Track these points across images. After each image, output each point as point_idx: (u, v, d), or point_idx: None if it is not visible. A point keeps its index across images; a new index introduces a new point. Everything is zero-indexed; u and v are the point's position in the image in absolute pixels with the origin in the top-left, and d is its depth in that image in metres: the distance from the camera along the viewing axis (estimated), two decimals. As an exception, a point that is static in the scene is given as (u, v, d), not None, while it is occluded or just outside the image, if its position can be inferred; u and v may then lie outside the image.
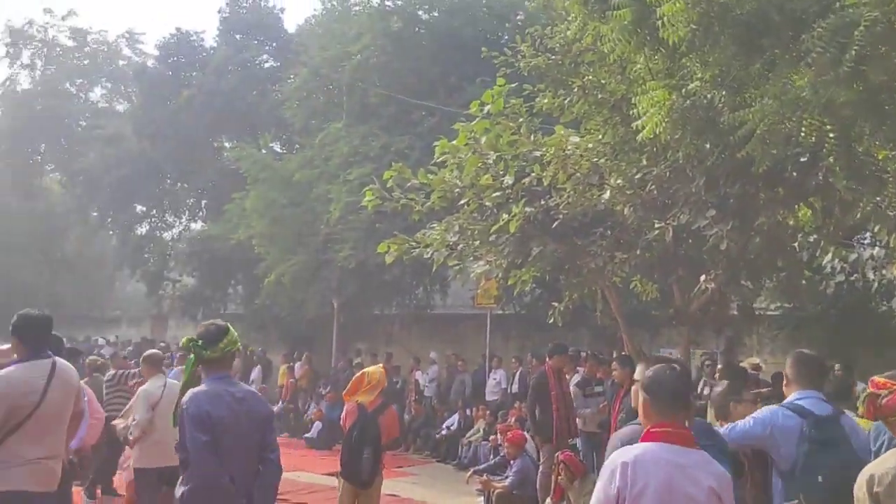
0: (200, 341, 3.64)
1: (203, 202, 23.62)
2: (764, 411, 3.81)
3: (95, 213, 25.96)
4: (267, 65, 22.05)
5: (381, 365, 7.88)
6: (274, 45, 22.09)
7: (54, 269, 25.31)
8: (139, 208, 24.74)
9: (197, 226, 24.29)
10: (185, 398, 3.52)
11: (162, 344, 20.76)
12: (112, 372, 8.85)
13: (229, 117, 20.84)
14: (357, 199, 12.91)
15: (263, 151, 17.92)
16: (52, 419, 3.93)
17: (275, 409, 16.06)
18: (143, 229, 24.98)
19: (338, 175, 14.37)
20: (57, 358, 4.06)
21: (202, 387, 3.58)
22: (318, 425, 14.16)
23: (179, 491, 3.45)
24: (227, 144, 22.19)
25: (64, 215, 26.85)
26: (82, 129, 26.90)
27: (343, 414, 6.26)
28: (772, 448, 3.66)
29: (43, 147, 27.60)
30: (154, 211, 25.02)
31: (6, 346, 5.52)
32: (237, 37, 21.73)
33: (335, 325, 16.83)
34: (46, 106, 26.55)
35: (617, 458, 2.59)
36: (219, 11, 21.95)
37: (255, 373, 17.20)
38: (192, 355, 3.66)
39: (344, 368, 15.81)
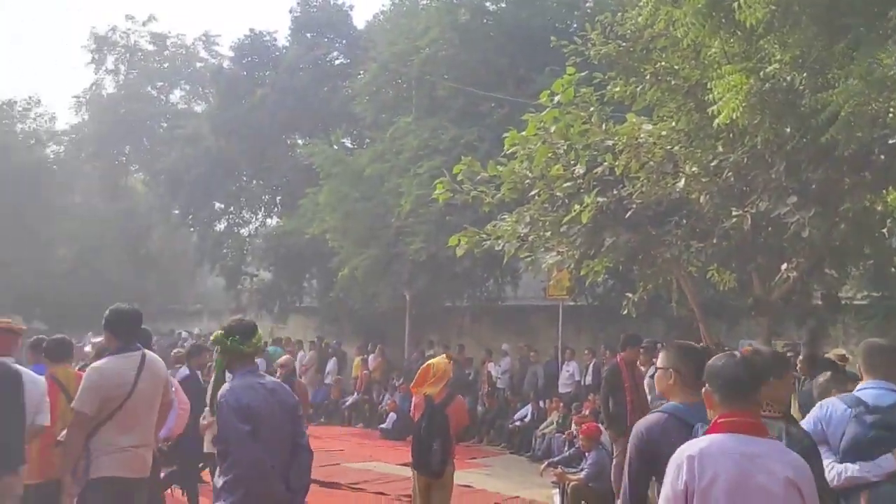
0: (237, 336, 3.72)
1: (278, 198, 24.19)
2: (818, 407, 3.70)
3: (177, 211, 26.91)
4: (337, 62, 22.39)
5: (445, 356, 7.91)
6: (344, 42, 22.41)
7: (140, 265, 26.35)
8: (217, 205, 25.51)
9: (272, 221, 24.90)
10: (224, 391, 3.60)
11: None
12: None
13: (302, 114, 21.26)
14: (427, 192, 13.02)
15: (335, 147, 18.22)
16: (143, 409, 4.11)
17: (350, 400, 16.40)
18: (221, 226, 25.75)
19: (408, 168, 14.50)
20: (146, 350, 4.24)
21: (236, 380, 3.66)
22: (392, 416, 14.35)
23: (220, 481, 3.51)
24: (299, 141, 22.66)
25: (147, 214, 27.93)
26: (163, 131, 27.89)
27: (412, 406, 6.30)
28: (829, 442, 3.57)
29: (127, 149, 28.73)
30: (231, 208, 25.77)
31: (99, 339, 5.81)
32: (308, 35, 22.12)
33: (407, 317, 17.01)
34: (129, 109, 27.62)
35: (682, 451, 2.50)
36: (290, 11, 22.41)
37: (331, 364, 17.53)
38: (221, 350, 3.75)
39: (417, 360, 15.95)
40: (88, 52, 28.52)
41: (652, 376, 8.87)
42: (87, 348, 7.28)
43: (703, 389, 2.67)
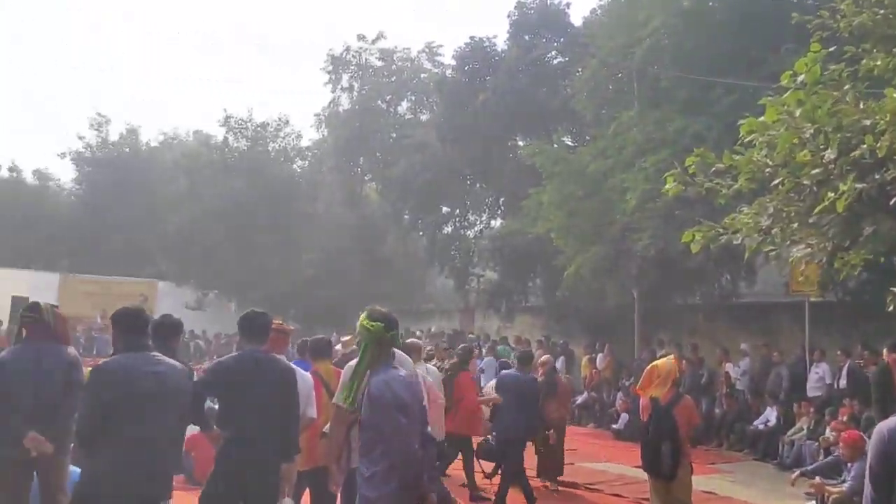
0: (383, 324, 3.75)
1: (501, 200, 24.71)
2: None
3: (407, 216, 28.49)
4: (555, 61, 22.41)
5: (671, 356, 7.59)
6: (561, 40, 22.37)
7: (376, 268, 28.17)
8: (444, 209, 26.63)
9: (497, 223, 25.49)
10: (380, 383, 3.64)
11: (470, 335, 22.19)
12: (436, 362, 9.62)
13: (522, 116, 21.56)
14: (654, 187, 12.61)
15: (556, 146, 18.26)
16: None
17: (579, 399, 16.31)
18: (448, 229, 26.85)
19: (632, 163, 14.15)
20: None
21: (385, 373, 3.71)
22: (624, 417, 14.07)
23: (371, 470, 3.58)
24: (521, 143, 22.98)
25: (381, 220, 29.85)
26: (392, 141, 29.61)
27: (640, 408, 6.18)
28: None
29: (361, 160, 30.86)
30: (457, 211, 26.77)
31: (348, 337, 6.28)
32: (526, 37, 22.36)
33: (636, 315, 16.60)
34: (362, 123, 29.66)
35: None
36: (508, 15, 22.78)
37: (559, 364, 17.54)
38: (376, 341, 3.75)
39: (647, 359, 15.48)
40: (326, 73, 31.06)
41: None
42: (338, 347, 7.92)
43: None
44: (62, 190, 32.95)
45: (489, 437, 8.42)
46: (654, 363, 6.33)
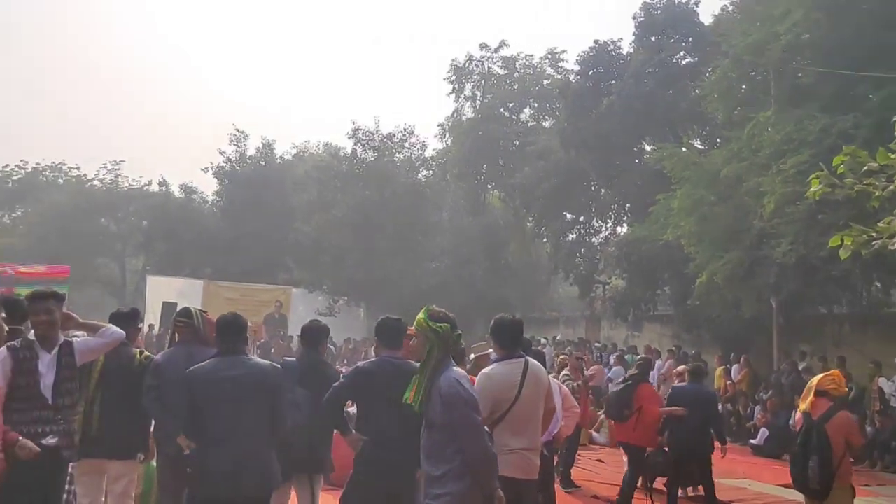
0: (448, 324, 3.78)
1: (627, 205, 24.16)
2: None
3: (531, 223, 28.39)
4: (684, 62, 21.72)
5: (834, 371, 7.12)
6: (690, 40, 21.66)
7: (499, 275, 28.20)
8: (568, 216, 26.32)
9: (623, 229, 24.95)
10: (457, 384, 3.63)
11: (597, 344, 21.81)
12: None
13: (649, 119, 21.01)
14: (794, 190, 11.97)
15: (685, 150, 17.67)
16: (529, 413, 4.37)
17: (714, 412, 15.62)
18: (573, 235, 26.52)
19: (769, 165, 13.48)
20: (528, 358, 4.51)
21: (454, 372, 3.71)
22: (763, 432, 13.38)
23: (442, 469, 3.58)
24: (648, 147, 22.40)
25: (505, 227, 29.91)
26: (515, 148, 29.62)
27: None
28: None
29: (484, 167, 31.01)
30: (582, 217, 26.40)
31: (481, 343, 6.31)
32: (652, 39, 21.81)
33: (774, 325, 15.76)
34: (485, 131, 29.82)
35: None
36: (633, 17, 22.30)
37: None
38: (442, 343, 3.75)
39: (788, 372, 14.70)
40: (449, 83, 31.49)
41: None
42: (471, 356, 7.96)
43: None
44: (205, 202, 35.05)
45: (655, 450, 8.27)
46: (814, 377, 6.05)
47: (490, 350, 4.99)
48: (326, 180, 29.16)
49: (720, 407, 15.68)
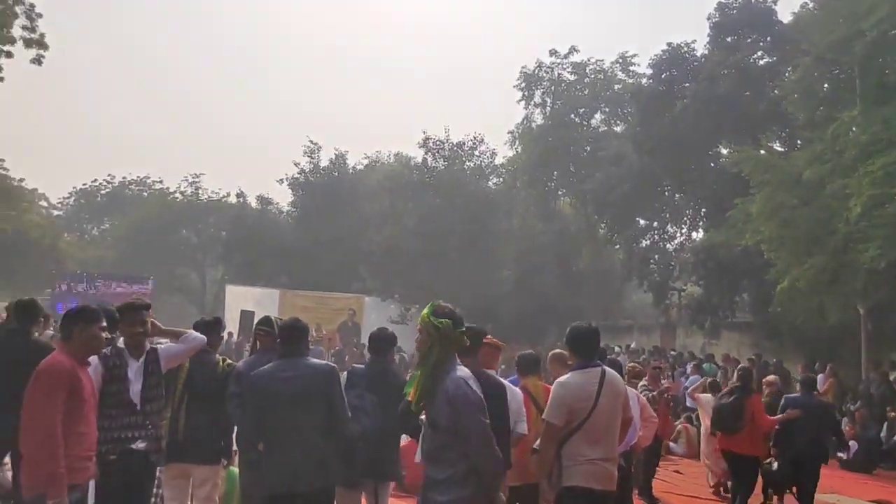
0: (451, 320, 3.60)
1: (703, 210, 23.60)
2: None
3: (603, 230, 28.00)
4: (762, 62, 21.11)
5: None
6: (768, 39, 21.05)
7: (571, 283, 27.91)
8: (642, 222, 25.87)
9: (698, 234, 24.37)
10: (462, 384, 3.46)
11: (672, 352, 21.32)
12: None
13: (725, 122, 20.49)
14: (883, 192, 11.48)
15: (763, 152, 17.14)
16: (606, 423, 4.30)
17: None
18: (646, 241, 26.05)
19: (855, 167, 12.98)
20: (606, 367, 4.44)
21: (461, 372, 3.53)
22: (853, 445, 12.80)
23: (445, 473, 3.43)
24: (724, 150, 21.85)
25: (576, 234, 29.58)
26: (586, 154, 29.30)
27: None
28: None
29: (555, 174, 30.79)
30: (655, 223, 25.92)
31: (557, 351, 6.24)
32: (728, 39, 21.29)
33: (862, 332, 15.08)
34: (555, 137, 29.61)
35: None
36: (708, 18, 21.82)
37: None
38: (445, 340, 3.57)
39: (878, 382, 14.05)
40: (519, 91, 31.40)
41: None
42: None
43: None
44: (281, 213, 35.91)
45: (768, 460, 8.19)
46: None
47: (558, 351, 4.94)
48: (397, 189, 29.45)
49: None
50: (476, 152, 30.42)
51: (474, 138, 30.27)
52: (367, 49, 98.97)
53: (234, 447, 5.04)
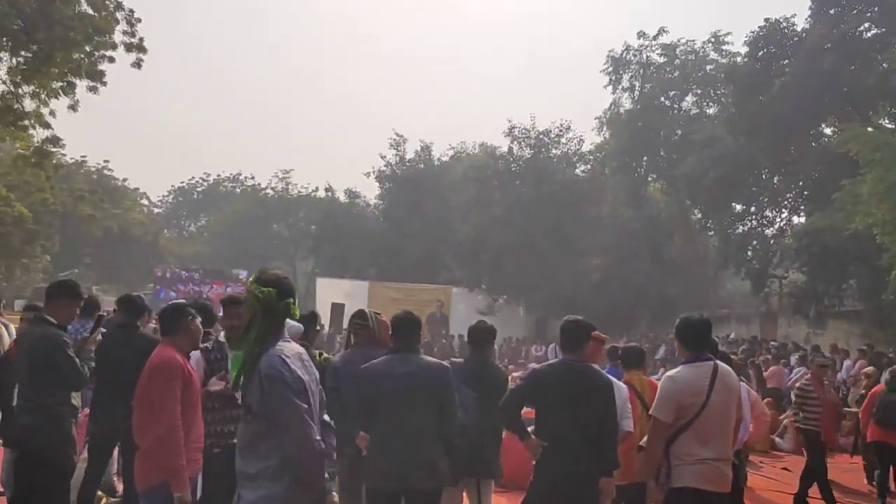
0: (275, 290, 3.02)
1: (805, 193, 22.45)
2: None
3: (696, 216, 27.05)
4: (869, 33, 19.85)
5: None
6: (876, 9, 19.74)
7: (663, 271, 27.12)
8: (737, 207, 24.85)
9: (799, 219, 23.23)
10: (273, 362, 2.90)
11: (773, 343, 20.39)
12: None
13: (829, 99, 19.43)
14: None
15: (870, 129, 16.12)
16: (718, 420, 4.02)
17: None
18: (742, 227, 25.01)
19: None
20: (718, 362, 4.16)
21: (279, 348, 2.96)
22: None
23: (257, 468, 2.91)
24: (827, 130, 20.71)
25: (667, 220, 28.68)
26: (677, 138, 28.36)
27: None
28: None
29: (644, 159, 29.94)
30: (752, 208, 24.85)
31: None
32: (831, 11, 20.09)
33: None
34: (645, 122, 28.79)
35: None
36: (810, -9, 20.68)
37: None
38: (254, 308, 3.02)
39: None
40: (606, 75, 30.68)
41: None
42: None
43: None
44: (368, 206, 36.37)
45: None
46: None
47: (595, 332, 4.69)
48: (483, 180, 29.28)
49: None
50: (563, 140, 29.89)
51: (560, 125, 29.77)
52: (446, 41, 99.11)
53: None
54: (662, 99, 29.73)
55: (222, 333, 4.34)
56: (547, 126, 29.56)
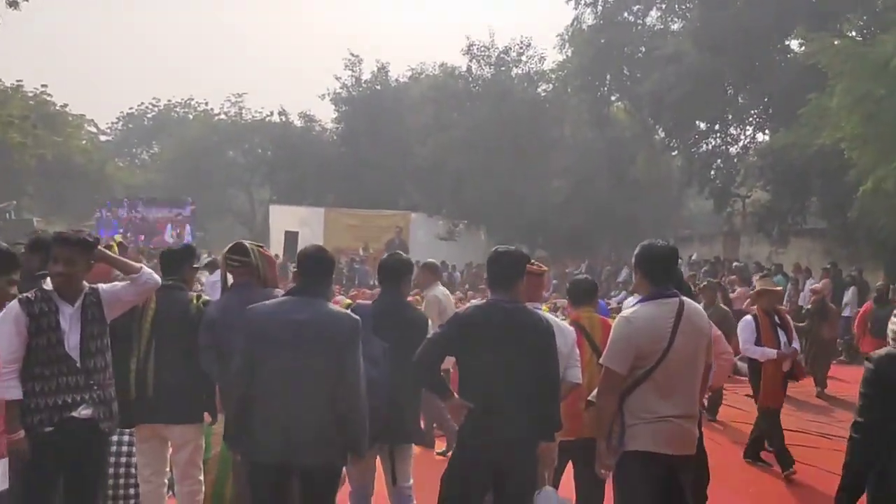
0: None
1: (770, 110, 21.81)
2: None
3: (660, 135, 26.36)
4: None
5: None
6: None
7: (627, 192, 26.56)
8: (702, 125, 24.16)
9: (764, 136, 22.68)
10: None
11: (736, 263, 20.10)
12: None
13: (795, 11, 18.52)
14: None
15: (836, 42, 15.39)
16: (683, 370, 3.35)
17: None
18: (707, 146, 24.42)
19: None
20: (685, 298, 3.46)
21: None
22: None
23: None
24: (793, 43, 19.94)
25: (631, 140, 27.96)
26: (642, 55, 27.34)
27: None
28: None
29: (608, 78, 28.91)
30: (717, 126, 24.18)
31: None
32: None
33: (953, 238, 13.71)
34: (608, 38, 27.61)
35: None
36: None
37: (848, 295, 15.14)
38: None
39: (971, 292, 12.74)
40: (568, -11, 29.24)
41: None
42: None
43: None
44: (324, 130, 34.98)
45: None
46: None
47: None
48: (443, 101, 28.16)
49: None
50: (523, 58, 28.74)
51: (521, 43, 28.59)
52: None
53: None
54: (626, 14, 28.47)
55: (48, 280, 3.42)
56: (507, 43, 28.42)
